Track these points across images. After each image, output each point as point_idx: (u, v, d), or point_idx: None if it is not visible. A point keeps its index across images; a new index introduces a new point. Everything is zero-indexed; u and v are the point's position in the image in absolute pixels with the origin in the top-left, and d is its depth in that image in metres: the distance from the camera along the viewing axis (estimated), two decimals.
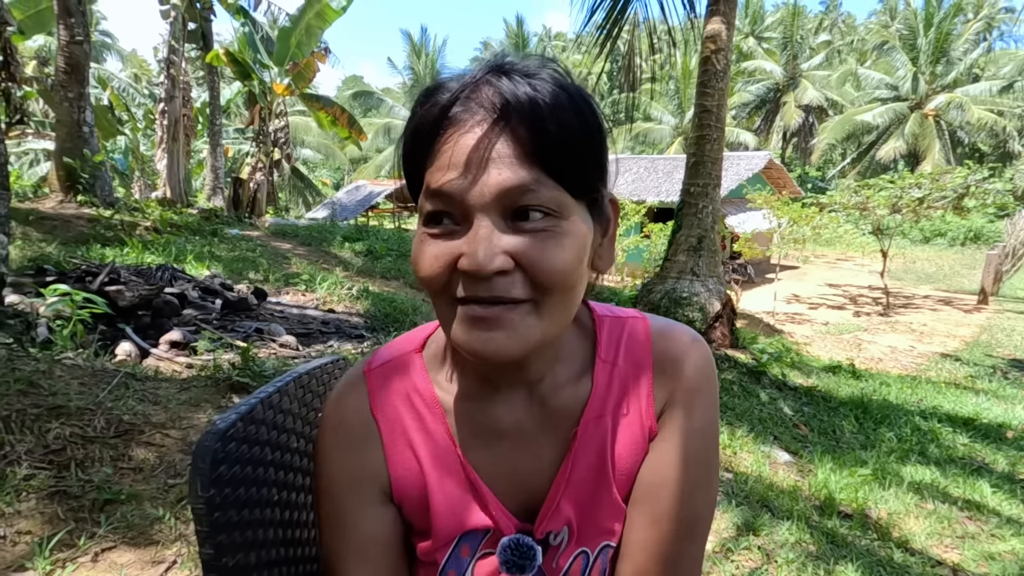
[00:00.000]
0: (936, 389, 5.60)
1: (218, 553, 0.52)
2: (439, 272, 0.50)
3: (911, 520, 2.69)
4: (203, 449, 0.53)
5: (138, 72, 27.68)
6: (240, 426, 0.58)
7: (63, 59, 7.01)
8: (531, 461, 0.61)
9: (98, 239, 5.94)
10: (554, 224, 0.49)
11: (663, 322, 0.65)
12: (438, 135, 0.50)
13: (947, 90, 25.71)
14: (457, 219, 0.50)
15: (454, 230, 0.50)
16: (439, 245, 0.50)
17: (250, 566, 0.56)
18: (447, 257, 0.49)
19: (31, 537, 1.67)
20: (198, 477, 0.52)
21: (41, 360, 2.47)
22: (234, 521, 0.55)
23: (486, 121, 0.48)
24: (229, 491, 0.55)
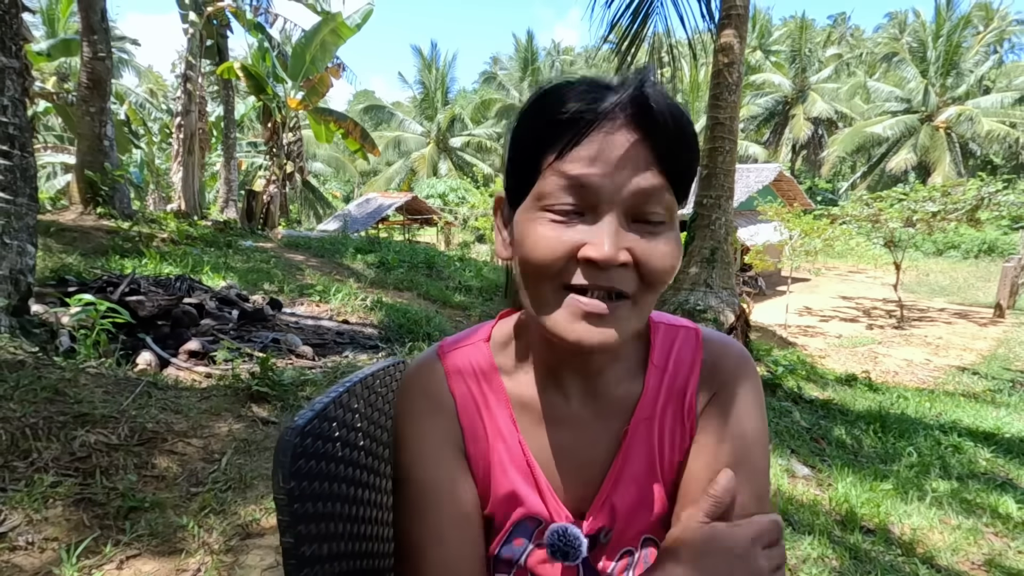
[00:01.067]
0: (955, 403, 5.52)
1: (297, 542, 0.55)
2: (558, 257, 0.52)
3: (935, 535, 2.65)
4: (284, 444, 0.56)
5: (154, 87, 28.22)
6: (316, 423, 0.61)
7: (86, 74, 7.17)
8: (586, 451, 0.64)
9: (117, 250, 6.02)
10: (666, 228, 0.54)
11: (714, 335, 0.68)
12: (584, 129, 0.51)
13: (958, 102, 25.61)
14: (582, 210, 0.52)
15: (578, 219, 0.52)
16: (561, 230, 0.52)
17: (323, 557, 0.59)
18: (569, 244, 0.51)
19: (58, 544, 1.68)
20: (280, 470, 0.54)
21: (66, 369, 2.50)
22: (310, 513, 0.58)
23: (633, 125, 0.51)
24: (306, 484, 0.57)
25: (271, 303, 4.95)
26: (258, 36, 12.70)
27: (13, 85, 2.94)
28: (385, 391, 0.82)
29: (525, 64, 35.22)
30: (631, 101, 0.51)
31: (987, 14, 29.76)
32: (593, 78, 0.55)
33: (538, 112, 0.54)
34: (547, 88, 0.55)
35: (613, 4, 5.57)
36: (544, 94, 0.54)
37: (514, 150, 0.56)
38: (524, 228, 0.54)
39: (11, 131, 2.91)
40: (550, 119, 0.52)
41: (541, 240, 0.52)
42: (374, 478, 0.77)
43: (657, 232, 0.53)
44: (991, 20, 29.39)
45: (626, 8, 5.58)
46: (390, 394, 0.83)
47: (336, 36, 12.30)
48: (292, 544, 0.54)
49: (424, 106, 33.33)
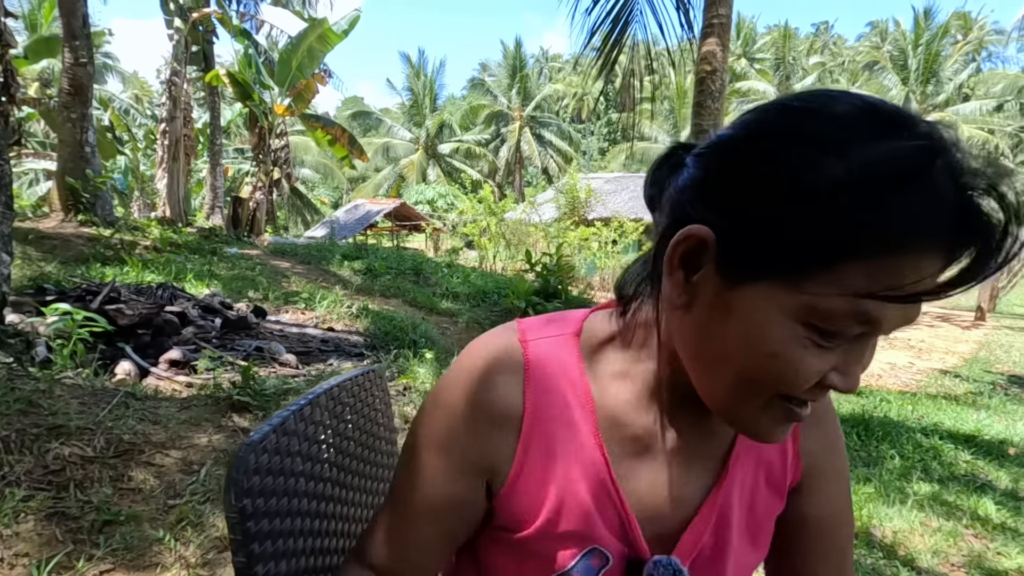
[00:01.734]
0: (937, 405, 5.59)
1: (250, 562, 0.54)
2: (806, 381, 0.44)
3: (916, 538, 2.67)
4: (239, 460, 0.55)
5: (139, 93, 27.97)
6: (273, 438, 0.60)
7: (67, 80, 7.09)
8: (679, 486, 0.56)
9: (98, 258, 5.94)
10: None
11: None
12: (904, 254, 0.39)
13: (938, 109, 26.13)
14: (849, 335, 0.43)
15: (838, 345, 0.43)
16: (824, 358, 0.43)
17: (280, 575, 0.58)
18: (824, 370, 0.44)
19: (29, 559, 1.65)
20: (232, 488, 0.54)
21: (41, 380, 2.46)
22: (266, 531, 0.57)
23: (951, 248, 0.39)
24: (262, 501, 0.56)
25: (255, 311, 4.90)
26: (244, 42, 12.64)
27: None
28: (354, 401, 0.81)
29: (513, 71, 35.40)
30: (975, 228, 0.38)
31: (966, 24, 30.45)
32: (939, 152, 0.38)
33: (861, 190, 0.38)
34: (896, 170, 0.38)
35: (593, 12, 5.63)
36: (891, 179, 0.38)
37: (800, 220, 0.40)
38: (774, 335, 0.43)
39: None
40: (880, 215, 0.38)
41: (802, 367, 0.43)
42: (343, 491, 0.76)
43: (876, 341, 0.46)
44: (970, 30, 30.07)
45: (606, 16, 5.64)
46: (359, 404, 0.83)
47: (323, 42, 12.28)
48: (244, 564, 0.53)
49: (412, 112, 33.38)
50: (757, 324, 0.43)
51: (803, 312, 0.42)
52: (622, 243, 14.67)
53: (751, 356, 0.44)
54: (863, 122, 0.40)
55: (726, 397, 0.48)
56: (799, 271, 0.41)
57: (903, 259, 0.39)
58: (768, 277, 0.42)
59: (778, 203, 0.41)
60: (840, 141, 0.40)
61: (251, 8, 13.76)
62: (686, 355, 0.50)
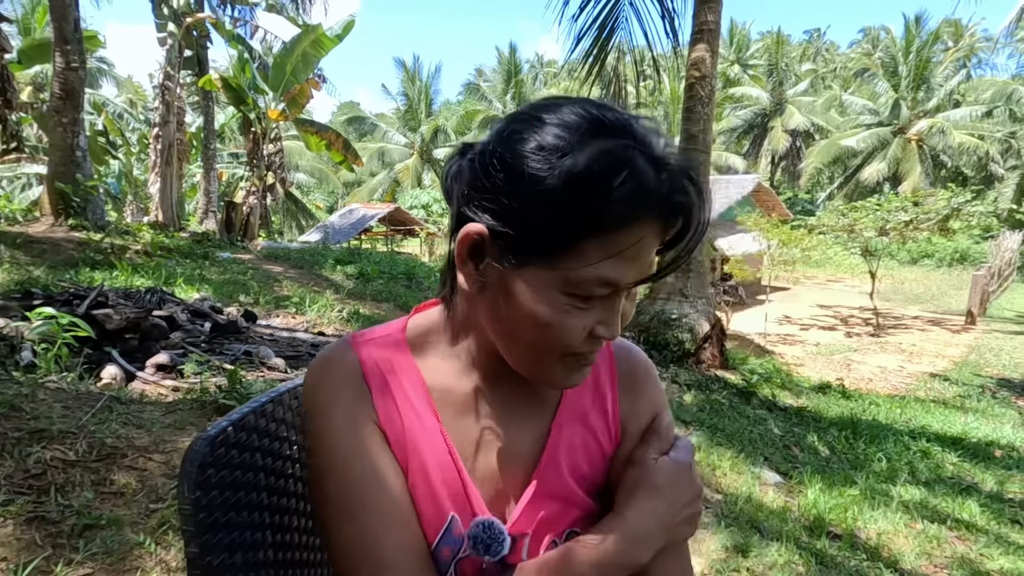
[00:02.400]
0: (925, 409, 5.63)
1: (203, 552, 0.55)
2: (577, 338, 0.54)
3: (900, 540, 2.69)
4: (192, 453, 0.56)
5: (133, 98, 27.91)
6: (231, 432, 0.61)
7: (58, 85, 7.08)
8: (510, 447, 0.64)
9: (87, 262, 5.92)
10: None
11: (622, 342, 0.72)
12: (627, 228, 0.50)
13: (929, 115, 26.35)
14: (603, 293, 0.53)
15: (594, 305, 0.54)
16: (586, 316, 0.53)
17: (236, 566, 0.58)
18: (588, 326, 0.54)
19: (6, 564, 1.64)
20: (185, 480, 0.55)
21: (24, 383, 2.45)
22: (220, 523, 0.57)
23: (663, 226, 0.53)
24: (216, 494, 0.57)
25: (245, 315, 4.88)
26: (238, 48, 12.65)
27: None
28: None
29: (508, 76, 35.52)
30: (674, 206, 0.51)
31: (956, 31, 30.75)
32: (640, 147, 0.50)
33: (592, 192, 0.48)
34: (606, 165, 0.48)
35: (579, 18, 5.69)
36: (602, 172, 0.48)
37: (545, 212, 0.50)
38: (543, 307, 0.52)
39: None
40: (598, 207, 0.49)
41: (565, 326, 0.53)
42: (304, 487, 0.76)
43: (635, 292, 0.58)
44: (960, 37, 30.37)
45: (592, 22, 5.70)
46: None
47: (317, 47, 12.30)
48: (196, 554, 0.54)
49: (408, 117, 33.41)
50: (530, 301, 0.53)
51: (561, 284, 0.52)
52: None
53: (532, 328, 0.53)
54: (583, 127, 0.50)
55: (524, 362, 0.57)
56: (552, 254, 0.51)
57: (627, 233, 0.50)
58: (531, 262, 0.52)
59: (526, 201, 0.50)
60: (566, 144, 0.49)
61: (245, 13, 13.78)
62: (489, 332, 0.59)
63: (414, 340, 0.65)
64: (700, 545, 2.43)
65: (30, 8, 17.34)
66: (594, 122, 0.51)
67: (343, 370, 0.61)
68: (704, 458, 3.38)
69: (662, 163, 0.50)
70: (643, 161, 0.49)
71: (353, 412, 0.59)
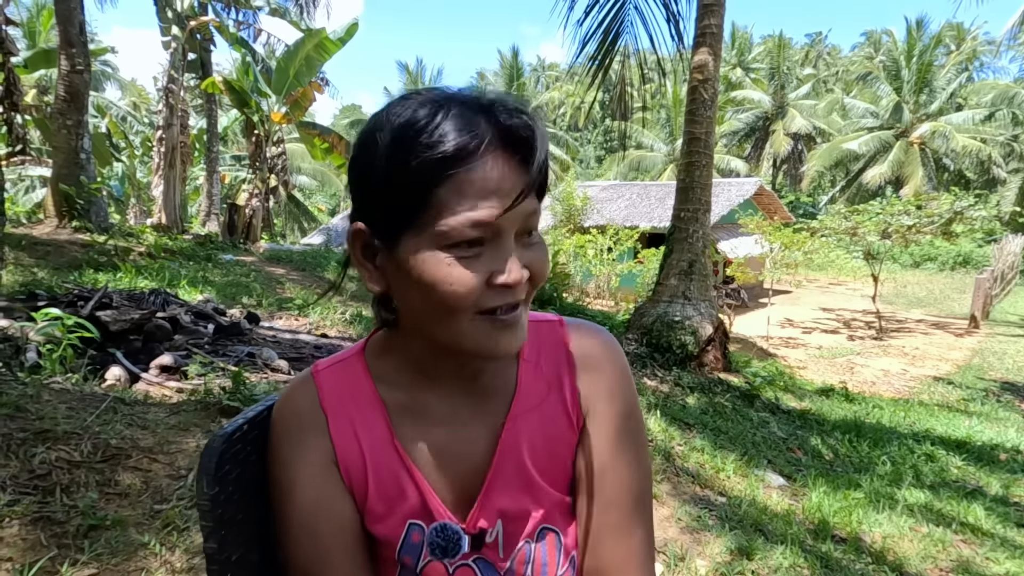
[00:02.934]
0: (929, 412, 5.61)
1: (221, 547, 0.56)
2: (475, 290, 0.54)
3: (905, 543, 2.68)
4: (210, 450, 0.56)
5: (137, 100, 28.02)
6: (247, 429, 0.62)
7: (63, 87, 7.12)
8: (465, 449, 0.65)
9: (91, 264, 5.93)
10: (540, 239, 0.59)
11: (576, 322, 0.71)
12: (471, 165, 0.52)
13: (931, 119, 26.34)
14: (484, 241, 0.54)
15: (481, 252, 0.54)
16: (472, 265, 0.54)
17: (252, 562, 0.59)
18: (483, 276, 0.54)
19: (12, 564, 1.64)
20: (204, 475, 0.56)
21: (29, 384, 2.45)
22: (238, 518, 0.58)
23: (511, 151, 0.54)
24: (233, 489, 0.58)
25: (248, 317, 4.89)
26: (241, 51, 12.70)
27: None
28: None
29: (511, 80, 35.61)
30: (507, 129, 0.54)
31: (958, 34, 30.75)
32: (456, 99, 0.54)
33: (415, 146, 0.52)
34: (414, 120, 0.53)
35: (584, 23, 5.70)
36: (414, 126, 0.53)
37: (390, 184, 0.54)
38: (428, 269, 0.54)
39: None
40: (433, 155, 0.51)
41: (457, 280, 0.53)
42: None
43: (538, 242, 0.58)
44: (962, 40, 30.37)
45: (597, 27, 5.71)
46: None
47: (321, 51, 12.34)
48: (215, 549, 0.55)
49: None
50: (419, 270, 0.54)
51: (435, 240, 0.53)
52: (617, 250, 14.70)
53: (430, 294, 0.54)
54: (391, 107, 0.56)
55: (442, 333, 0.57)
56: (412, 217, 0.53)
57: (467, 170, 0.52)
58: (403, 234, 0.54)
59: (373, 184, 0.55)
60: (380, 123, 0.55)
61: (249, 17, 13.83)
62: (414, 324, 0.60)
63: (371, 358, 0.67)
64: (705, 548, 2.42)
65: (35, 12, 17.45)
66: (401, 98, 0.57)
67: (299, 403, 0.64)
68: (708, 461, 3.37)
69: (478, 100, 0.55)
70: (456, 103, 0.53)
71: (308, 445, 0.62)
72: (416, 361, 0.64)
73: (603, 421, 0.65)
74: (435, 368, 0.64)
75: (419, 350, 0.63)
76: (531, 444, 0.64)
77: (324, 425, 0.63)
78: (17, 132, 8.17)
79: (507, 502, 0.64)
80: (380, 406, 0.64)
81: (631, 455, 0.65)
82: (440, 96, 0.55)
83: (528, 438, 0.64)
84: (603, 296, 15.06)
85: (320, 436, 0.63)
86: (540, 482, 0.64)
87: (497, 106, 0.55)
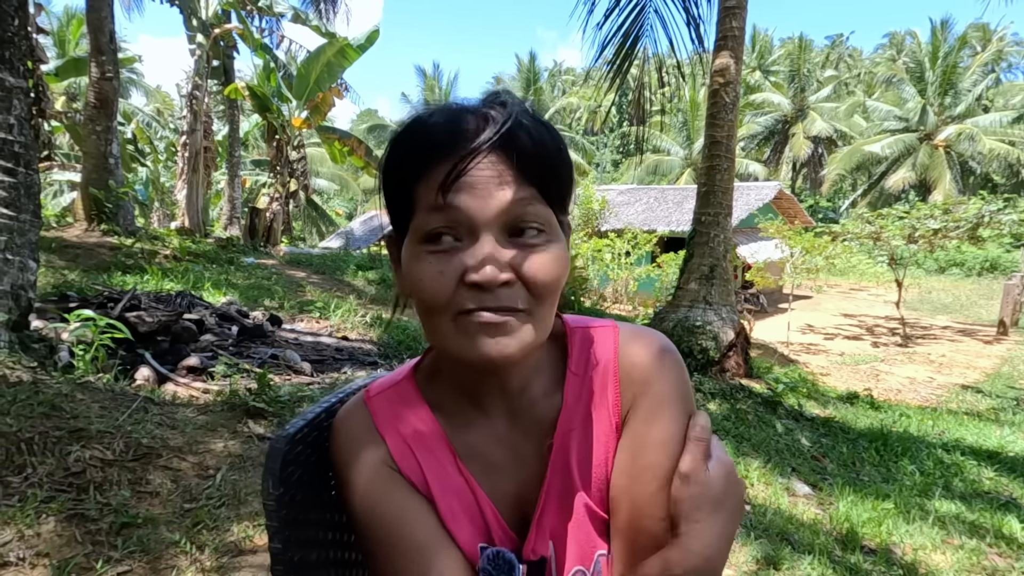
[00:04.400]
0: (958, 421, 5.48)
1: (285, 548, 0.56)
2: (444, 287, 0.52)
3: (938, 555, 2.61)
4: (274, 451, 0.57)
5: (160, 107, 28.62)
6: (307, 431, 0.62)
7: (93, 94, 7.30)
8: (520, 469, 0.62)
9: (119, 266, 6.06)
10: (545, 240, 0.54)
11: (632, 329, 0.66)
12: (447, 155, 0.52)
13: (957, 121, 25.79)
14: (459, 236, 0.53)
15: (455, 247, 0.53)
16: (442, 261, 0.52)
17: (310, 563, 0.60)
18: (452, 272, 0.52)
19: (49, 560, 1.68)
20: (269, 476, 0.56)
21: (63, 384, 2.51)
22: (299, 520, 0.59)
23: (485, 146, 0.52)
24: (296, 491, 0.59)
25: (271, 319, 4.96)
26: (264, 57, 12.92)
27: (20, 104, 3.00)
28: None
29: (527, 84, 35.67)
30: (479, 123, 0.53)
31: (984, 35, 30.09)
32: (450, 105, 0.56)
33: (400, 145, 0.55)
34: (407, 121, 0.56)
35: (604, 26, 5.69)
36: (406, 129, 0.55)
37: (386, 188, 0.57)
38: (410, 265, 0.55)
39: (16, 149, 2.96)
40: (413, 150, 0.54)
41: (423, 275, 0.53)
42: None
43: (537, 244, 0.54)
44: (988, 41, 29.72)
45: (617, 30, 5.69)
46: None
47: (341, 58, 12.50)
48: (280, 549, 0.56)
49: None
50: (408, 262, 0.55)
51: (415, 236, 0.54)
52: (635, 254, 14.62)
53: (412, 291, 0.55)
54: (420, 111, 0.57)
55: (431, 336, 0.57)
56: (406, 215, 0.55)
57: (439, 165, 0.52)
58: (404, 231, 0.56)
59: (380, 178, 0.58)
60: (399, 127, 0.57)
61: (272, 24, 14.07)
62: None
63: (423, 380, 0.65)
64: (731, 556, 2.38)
65: (65, 21, 17.93)
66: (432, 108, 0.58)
67: (357, 428, 0.62)
68: None
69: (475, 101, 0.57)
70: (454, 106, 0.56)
71: (371, 465, 0.60)
72: (461, 381, 0.62)
73: (633, 441, 0.59)
74: (479, 386, 0.62)
75: (459, 368, 0.61)
76: (580, 463, 0.61)
77: (386, 450, 0.61)
78: (44, 138, 8.40)
79: (559, 525, 0.61)
80: (438, 431, 0.62)
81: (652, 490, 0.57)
82: (444, 103, 0.57)
83: (577, 457, 0.61)
84: (621, 301, 14.96)
85: (385, 455, 0.61)
86: (591, 504, 0.61)
87: (487, 103, 0.55)
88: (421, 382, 0.65)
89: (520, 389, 0.62)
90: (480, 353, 0.52)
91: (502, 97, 0.56)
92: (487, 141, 0.52)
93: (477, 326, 0.52)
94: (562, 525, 0.61)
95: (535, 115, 0.56)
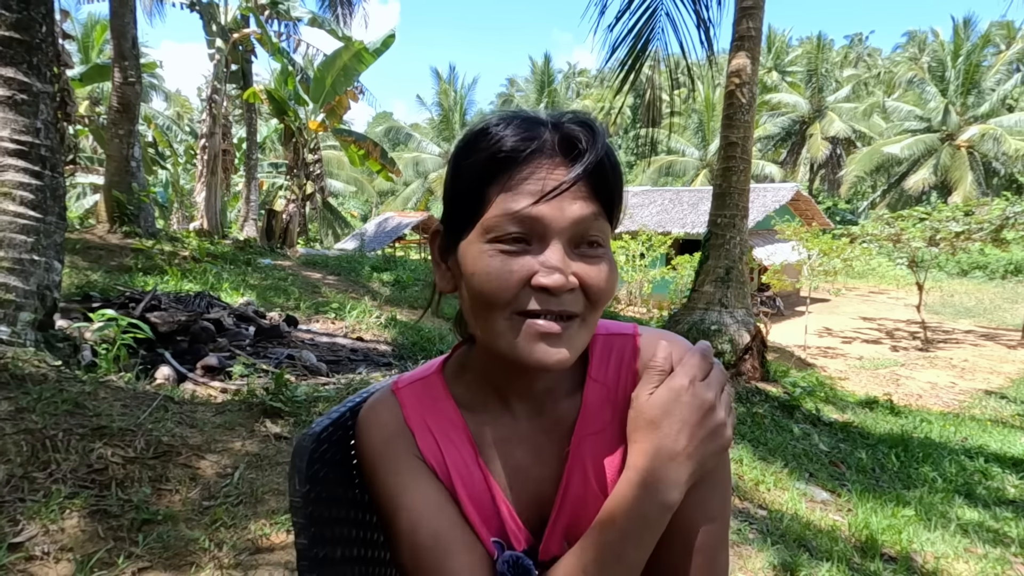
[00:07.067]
0: (981, 427, 5.36)
1: (311, 544, 0.57)
2: (510, 285, 0.54)
3: (960, 564, 2.56)
4: (301, 449, 0.58)
5: (180, 111, 29.13)
6: (332, 430, 0.63)
7: (116, 98, 7.45)
8: (540, 469, 0.64)
9: (140, 268, 6.18)
10: (604, 252, 0.58)
11: (652, 332, 0.67)
12: (522, 165, 0.55)
13: (980, 121, 25.27)
14: (529, 239, 0.55)
15: (525, 249, 0.55)
16: (511, 260, 0.54)
17: (335, 560, 0.61)
18: (521, 273, 0.54)
19: (72, 555, 1.71)
20: (296, 474, 0.57)
21: (87, 382, 2.56)
22: (324, 517, 0.60)
23: (560, 158, 0.56)
24: (321, 488, 0.60)
25: (287, 320, 5.01)
26: (282, 61, 13.09)
27: (47, 109, 3.07)
28: None
29: (542, 86, 35.73)
30: (565, 138, 0.56)
31: (1008, 33, 29.46)
32: (525, 114, 0.59)
33: (478, 149, 0.57)
34: (483, 126, 0.58)
35: (615, 28, 5.67)
36: (482, 132, 0.58)
37: (456, 185, 0.59)
38: (474, 261, 0.56)
39: (43, 152, 3.03)
40: (491, 155, 0.56)
41: (494, 272, 0.54)
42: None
43: (597, 256, 0.57)
44: (1013, 39, 29.09)
45: (628, 32, 5.68)
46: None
47: (358, 62, 12.62)
48: (306, 545, 0.57)
49: (442, 127, 33.89)
50: (464, 260, 0.57)
51: (482, 234, 0.56)
52: (649, 256, 14.54)
53: (470, 286, 0.56)
54: (494, 116, 0.59)
55: (482, 331, 0.57)
56: (471, 213, 0.57)
57: (516, 169, 0.55)
58: (464, 228, 0.58)
59: (448, 186, 0.60)
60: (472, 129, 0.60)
61: (289, 28, 14.25)
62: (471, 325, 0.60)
63: (451, 376, 0.67)
64: (746, 562, 2.36)
65: (89, 27, 18.33)
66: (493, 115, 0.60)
67: (386, 417, 0.64)
68: (747, 472, 3.29)
69: (549, 114, 0.59)
70: (526, 116, 0.58)
71: (398, 454, 0.62)
72: (490, 379, 0.64)
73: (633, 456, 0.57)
74: (508, 386, 0.63)
75: (492, 366, 0.63)
76: (596, 469, 0.62)
77: (413, 441, 0.63)
78: (69, 142, 8.60)
79: (574, 527, 0.62)
80: (463, 426, 0.64)
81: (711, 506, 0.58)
82: (518, 112, 0.59)
83: (593, 463, 0.62)
84: (635, 303, 14.89)
85: (412, 446, 0.63)
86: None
87: (561, 117, 0.58)
88: (449, 377, 0.67)
89: (546, 390, 0.64)
90: (536, 358, 0.55)
91: (582, 117, 0.58)
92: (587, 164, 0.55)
93: (536, 333, 0.54)
94: (577, 527, 0.61)
95: (603, 131, 0.59)
